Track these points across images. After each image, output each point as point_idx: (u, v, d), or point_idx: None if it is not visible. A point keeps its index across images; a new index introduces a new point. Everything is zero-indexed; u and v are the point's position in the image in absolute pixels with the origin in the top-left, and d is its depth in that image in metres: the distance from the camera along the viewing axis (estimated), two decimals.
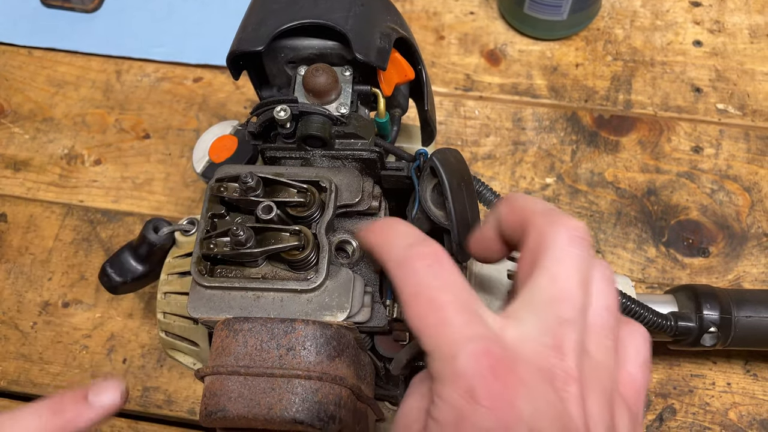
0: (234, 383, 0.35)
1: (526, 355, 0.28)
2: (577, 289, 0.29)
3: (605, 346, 0.30)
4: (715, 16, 0.77)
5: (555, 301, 0.29)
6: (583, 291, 0.29)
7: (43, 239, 0.68)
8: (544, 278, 0.29)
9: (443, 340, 0.27)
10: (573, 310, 0.29)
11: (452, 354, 0.27)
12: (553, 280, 0.29)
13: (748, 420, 0.58)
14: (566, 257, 0.29)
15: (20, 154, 0.73)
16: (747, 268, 0.63)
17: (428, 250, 0.30)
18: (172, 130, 0.73)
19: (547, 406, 0.27)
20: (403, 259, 0.30)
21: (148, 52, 0.78)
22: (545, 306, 0.29)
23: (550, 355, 0.28)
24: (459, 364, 0.27)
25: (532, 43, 0.76)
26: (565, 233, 0.29)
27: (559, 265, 0.29)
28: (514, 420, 0.26)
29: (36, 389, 0.62)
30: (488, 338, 0.27)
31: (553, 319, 0.28)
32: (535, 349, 0.28)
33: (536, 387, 0.27)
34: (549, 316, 0.28)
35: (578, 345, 0.28)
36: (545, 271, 0.29)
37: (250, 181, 0.38)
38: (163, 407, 0.60)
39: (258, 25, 0.43)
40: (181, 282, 0.46)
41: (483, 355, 0.27)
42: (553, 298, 0.29)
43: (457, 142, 0.71)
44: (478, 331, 0.28)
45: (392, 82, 0.44)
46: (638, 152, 0.69)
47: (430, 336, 0.28)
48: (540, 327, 0.28)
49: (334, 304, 0.36)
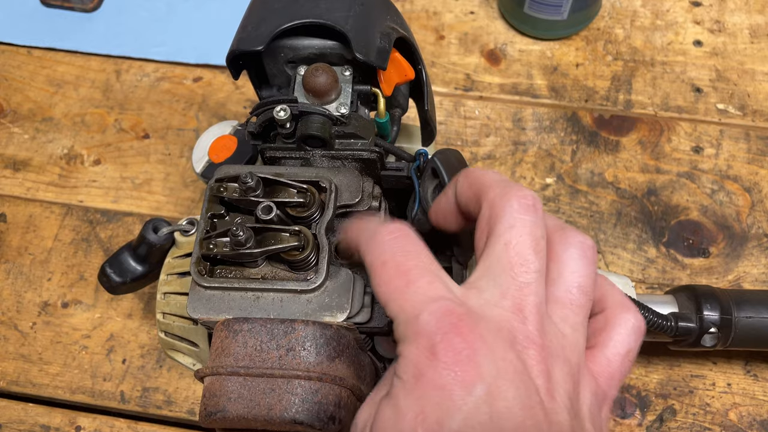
0: (234, 384, 0.35)
1: (487, 316, 0.28)
2: (532, 253, 0.30)
3: (573, 321, 0.30)
4: (716, 15, 0.77)
5: (511, 266, 0.29)
6: (538, 255, 0.30)
7: (42, 239, 0.68)
8: (498, 245, 0.30)
9: (407, 303, 0.28)
10: (529, 273, 0.29)
11: (415, 314, 0.28)
12: (507, 246, 0.30)
13: (749, 421, 0.58)
14: (517, 223, 0.30)
15: (20, 154, 0.73)
16: (747, 269, 0.63)
17: (394, 225, 0.31)
18: (172, 129, 0.73)
19: (507, 366, 0.27)
20: (372, 234, 0.31)
21: (148, 51, 0.78)
22: (502, 272, 0.29)
23: (511, 317, 0.28)
24: (421, 323, 0.27)
25: (532, 43, 0.76)
26: (516, 201, 0.30)
27: (511, 232, 0.30)
28: (473, 377, 0.26)
29: (35, 389, 0.62)
30: (451, 299, 0.28)
31: (511, 283, 0.29)
32: (496, 312, 0.28)
33: (497, 347, 0.27)
34: (506, 281, 0.29)
35: (539, 308, 0.29)
36: (499, 239, 0.30)
37: (249, 181, 0.38)
38: (162, 408, 0.60)
39: (258, 24, 0.43)
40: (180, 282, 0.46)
41: (445, 314, 0.27)
42: (509, 263, 0.30)
43: (457, 142, 0.71)
44: (440, 292, 0.28)
45: (392, 82, 0.44)
46: (638, 152, 0.69)
47: (395, 299, 0.29)
48: (499, 292, 0.29)
49: (334, 305, 0.36)
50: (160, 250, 0.48)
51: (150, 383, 0.61)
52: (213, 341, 0.37)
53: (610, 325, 0.32)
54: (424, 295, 0.28)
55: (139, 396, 0.61)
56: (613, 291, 0.33)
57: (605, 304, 0.33)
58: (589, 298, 0.31)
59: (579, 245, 0.31)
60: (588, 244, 0.32)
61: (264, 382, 0.35)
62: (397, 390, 0.28)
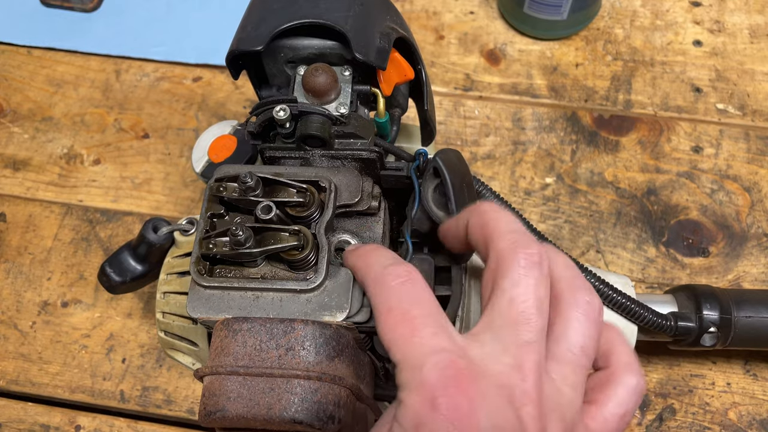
0: (233, 383, 0.35)
1: (488, 371, 0.29)
2: (535, 313, 0.30)
3: (572, 380, 0.31)
4: (715, 16, 0.77)
5: (514, 323, 0.30)
6: (540, 314, 0.30)
7: (42, 239, 0.68)
8: (502, 301, 0.31)
9: (411, 351, 0.29)
10: (531, 333, 0.30)
11: (418, 364, 0.28)
12: (511, 304, 0.30)
13: (748, 420, 0.58)
14: (522, 282, 0.31)
15: (19, 153, 0.73)
16: (747, 268, 0.63)
17: (402, 269, 0.32)
18: (172, 129, 0.73)
19: (504, 422, 0.28)
20: (380, 277, 0.32)
21: (148, 51, 0.78)
22: (505, 328, 0.30)
23: (511, 374, 0.29)
24: (424, 374, 0.28)
25: (532, 43, 0.76)
26: (523, 258, 0.31)
27: (515, 289, 0.30)
28: (471, 431, 0.27)
29: (35, 389, 0.62)
30: (453, 352, 0.29)
31: (513, 341, 0.30)
32: (497, 368, 0.29)
33: (495, 403, 0.28)
34: (509, 338, 0.30)
35: (538, 366, 0.30)
36: (504, 294, 0.31)
37: (249, 181, 0.38)
38: (162, 407, 0.60)
39: (257, 24, 0.43)
40: (180, 282, 0.46)
41: (447, 366, 0.28)
42: (512, 320, 0.30)
43: (456, 141, 0.71)
44: (444, 344, 0.29)
45: (392, 81, 0.44)
46: (638, 152, 0.69)
47: (399, 347, 0.30)
48: (501, 347, 0.30)
49: (333, 304, 0.36)
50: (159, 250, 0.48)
51: (150, 382, 0.61)
52: (212, 341, 0.37)
53: (612, 384, 0.32)
54: (428, 346, 0.29)
55: (138, 395, 0.61)
56: (621, 348, 0.33)
57: (610, 361, 0.33)
58: (590, 359, 0.32)
59: (585, 306, 0.32)
60: (595, 305, 0.32)
61: (263, 382, 0.35)
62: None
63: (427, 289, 0.32)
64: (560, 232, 0.66)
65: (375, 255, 0.34)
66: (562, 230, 0.66)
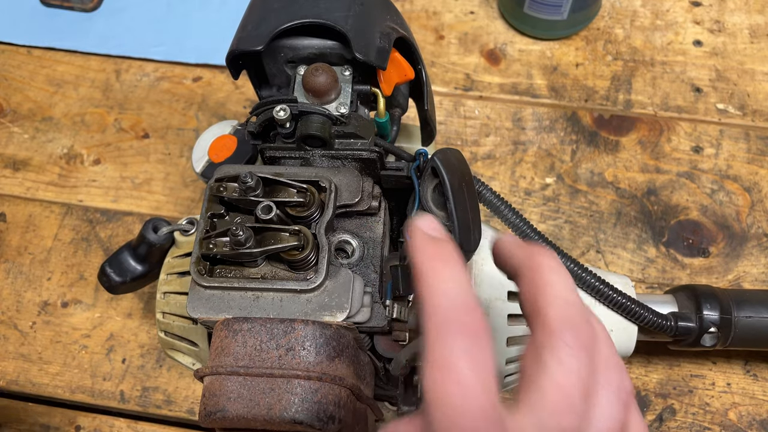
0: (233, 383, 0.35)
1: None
2: (579, 400, 0.29)
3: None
4: (716, 15, 0.77)
5: (557, 410, 0.29)
6: (586, 401, 0.29)
7: (42, 239, 0.68)
8: (547, 382, 0.29)
9: (452, 420, 0.27)
10: (574, 421, 0.29)
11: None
12: (556, 388, 0.29)
13: (748, 420, 0.58)
14: (570, 363, 0.29)
15: (19, 153, 0.73)
16: (747, 268, 0.63)
17: (470, 323, 0.29)
18: (172, 129, 0.73)
19: None
20: (443, 325, 0.29)
21: (148, 51, 0.78)
22: (548, 414, 0.29)
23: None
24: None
25: (532, 43, 0.76)
26: (572, 339, 0.29)
27: (561, 372, 0.29)
28: None
29: (35, 389, 0.62)
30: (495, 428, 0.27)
31: (555, 427, 0.29)
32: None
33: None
34: (551, 424, 0.29)
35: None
36: (549, 376, 0.29)
37: (249, 180, 0.38)
38: (162, 407, 0.60)
39: (257, 24, 0.43)
40: (180, 282, 0.46)
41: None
42: (555, 406, 0.29)
43: (456, 141, 0.71)
44: (487, 419, 0.27)
45: (392, 81, 0.44)
46: (638, 152, 0.69)
47: (440, 408, 0.27)
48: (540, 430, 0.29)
49: (333, 304, 0.36)
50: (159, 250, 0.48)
51: (150, 383, 0.61)
52: (213, 341, 0.37)
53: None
54: (472, 421, 0.27)
55: (138, 395, 0.61)
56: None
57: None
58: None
59: (617, 389, 0.31)
60: (626, 385, 0.32)
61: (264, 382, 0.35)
62: None
63: (490, 355, 0.29)
64: (560, 233, 0.66)
65: (444, 278, 0.30)
66: (563, 230, 0.66)
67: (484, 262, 0.44)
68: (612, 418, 0.31)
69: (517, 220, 0.46)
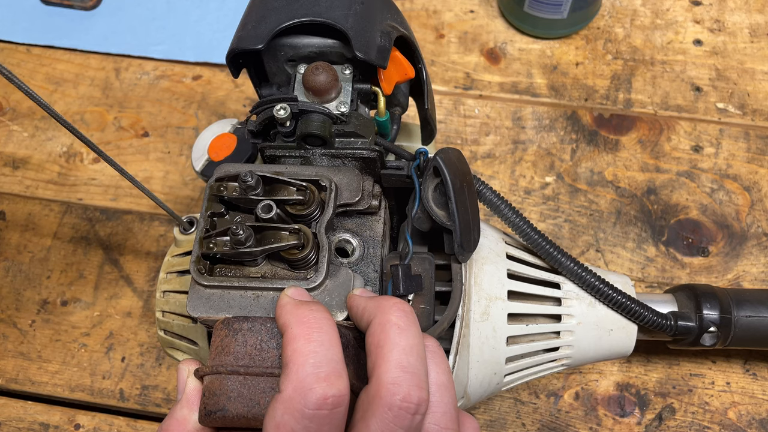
0: (233, 383, 0.35)
1: None
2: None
3: None
4: (716, 15, 0.77)
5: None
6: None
7: (41, 237, 0.68)
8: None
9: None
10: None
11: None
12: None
13: (747, 419, 0.58)
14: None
15: (19, 151, 0.73)
16: (747, 268, 0.63)
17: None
18: (171, 128, 0.73)
19: None
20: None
21: (147, 49, 0.78)
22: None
23: None
24: None
25: (532, 42, 0.76)
26: (398, 407, 0.30)
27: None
28: None
29: (34, 387, 0.62)
30: None
31: None
32: None
33: None
34: None
35: None
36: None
37: (249, 179, 0.38)
38: (162, 406, 0.60)
39: (258, 23, 0.43)
40: (180, 281, 0.46)
41: None
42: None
43: (456, 140, 0.71)
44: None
45: (392, 80, 0.44)
46: (638, 151, 0.69)
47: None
48: None
49: (333, 304, 0.36)
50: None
51: (149, 381, 0.61)
52: (213, 340, 0.37)
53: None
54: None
55: (138, 394, 0.61)
56: None
57: None
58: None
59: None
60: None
61: (264, 381, 0.34)
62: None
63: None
64: (560, 232, 0.66)
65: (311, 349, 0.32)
66: (562, 229, 0.66)
67: (484, 261, 0.44)
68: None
69: (517, 220, 0.46)
